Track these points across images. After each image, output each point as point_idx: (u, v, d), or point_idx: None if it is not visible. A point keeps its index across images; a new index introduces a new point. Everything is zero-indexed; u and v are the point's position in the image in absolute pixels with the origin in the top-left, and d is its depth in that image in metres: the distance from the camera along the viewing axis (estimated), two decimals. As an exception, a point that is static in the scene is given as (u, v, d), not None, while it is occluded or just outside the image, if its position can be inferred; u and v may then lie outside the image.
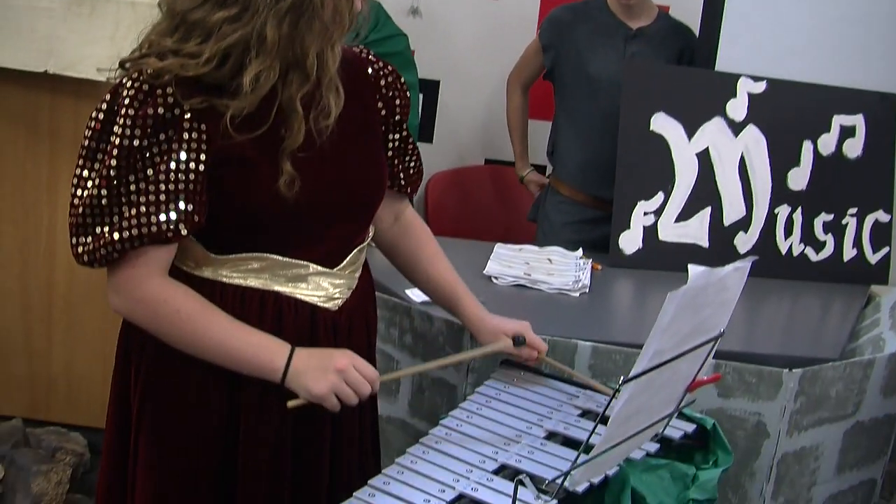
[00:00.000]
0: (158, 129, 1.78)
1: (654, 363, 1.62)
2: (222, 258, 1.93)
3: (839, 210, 3.55)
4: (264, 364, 1.89)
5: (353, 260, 2.07)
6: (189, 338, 1.89)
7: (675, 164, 3.40)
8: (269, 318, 1.96)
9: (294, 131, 1.84)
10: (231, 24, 1.76)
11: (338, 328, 2.05)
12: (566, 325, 2.73)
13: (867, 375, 2.67)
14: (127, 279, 1.86)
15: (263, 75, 1.78)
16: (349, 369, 1.89)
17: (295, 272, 1.97)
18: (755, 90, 3.48)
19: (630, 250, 3.37)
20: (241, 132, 1.81)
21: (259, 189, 1.85)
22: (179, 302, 1.88)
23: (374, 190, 2.09)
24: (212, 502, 2.02)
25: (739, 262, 1.73)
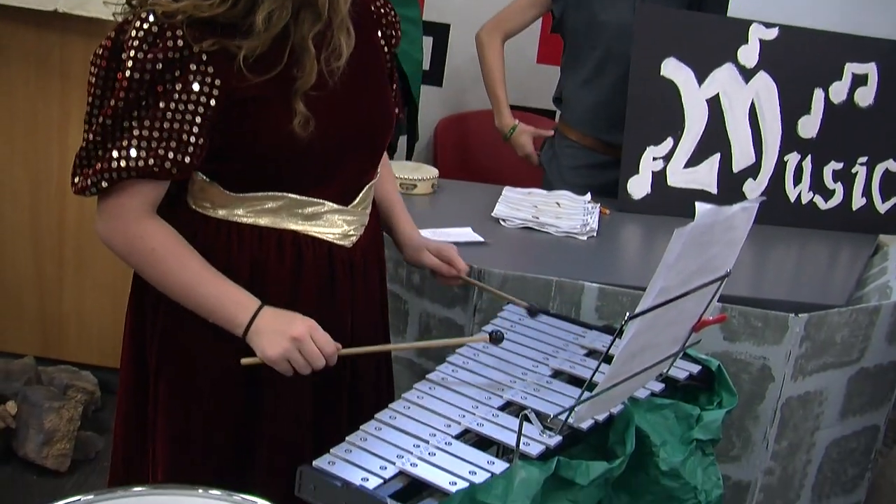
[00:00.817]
0: (165, 71, 1.78)
1: (659, 300, 1.62)
2: (239, 196, 1.93)
3: (849, 159, 3.54)
4: (228, 317, 1.89)
5: (364, 197, 2.08)
6: (160, 277, 1.90)
7: (685, 109, 3.39)
8: (289, 257, 1.98)
9: (306, 71, 1.84)
10: None
11: (354, 265, 2.07)
12: (573, 267, 2.74)
13: (873, 322, 2.67)
14: (112, 207, 1.87)
15: (276, 14, 1.78)
16: (305, 339, 1.86)
17: (311, 210, 1.98)
18: (767, 37, 3.46)
19: (639, 195, 3.38)
20: (254, 73, 1.80)
21: (273, 129, 1.85)
22: (157, 241, 1.88)
23: (385, 126, 2.10)
24: (234, 443, 2.04)
25: (747, 202, 1.73)
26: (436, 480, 1.64)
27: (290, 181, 1.94)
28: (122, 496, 1.71)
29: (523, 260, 2.76)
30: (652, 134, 3.39)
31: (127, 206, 1.86)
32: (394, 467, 1.67)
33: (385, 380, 2.26)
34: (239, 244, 1.95)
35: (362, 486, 1.62)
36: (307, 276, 1.99)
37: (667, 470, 1.98)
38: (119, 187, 1.84)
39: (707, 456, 2.08)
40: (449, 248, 2.34)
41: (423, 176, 3.24)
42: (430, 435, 1.76)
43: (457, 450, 1.73)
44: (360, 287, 2.10)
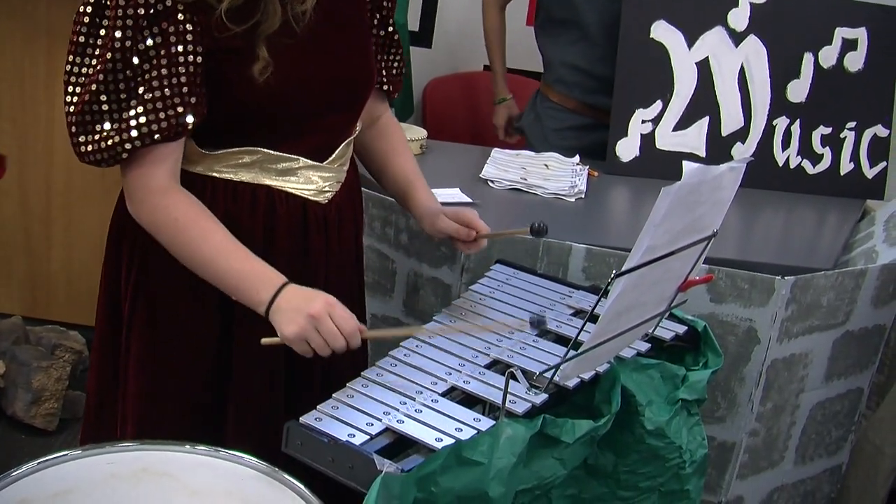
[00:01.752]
0: (151, 22, 1.76)
1: (646, 259, 1.63)
2: (214, 153, 1.93)
3: (838, 123, 3.54)
4: (251, 293, 1.84)
5: (341, 153, 2.07)
6: (182, 249, 1.87)
7: (675, 72, 3.39)
8: (261, 211, 1.97)
9: (269, 15, 1.81)
10: None
11: (328, 221, 2.06)
12: (561, 228, 2.73)
13: (859, 285, 2.68)
14: (135, 181, 1.85)
15: None
16: (323, 317, 1.79)
17: (285, 166, 1.97)
18: (757, 0, 3.46)
19: (627, 157, 3.38)
20: (234, 22, 1.79)
21: (246, 78, 1.84)
22: (180, 210, 1.85)
23: (362, 81, 2.08)
24: (204, 399, 2.05)
25: (734, 162, 1.73)
26: (422, 437, 1.65)
27: (262, 135, 1.93)
28: (111, 451, 1.72)
29: (511, 221, 2.77)
30: (641, 97, 3.39)
31: (148, 176, 1.84)
32: (380, 424, 1.68)
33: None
34: (213, 197, 1.94)
35: (348, 441, 1.62)
36: (280, 231, 1.98)
37: (652, 429, 2.00)
38: (138, 157, 1.82)
39: (692, 416, 2.09)
40: (467, 211, 2.19)
41: (411, 137, 3.23)
42: (416, 392, 1.77)
43: (443, 407, 1.74)
44: (334, 243, 2.09)
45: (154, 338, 2.02)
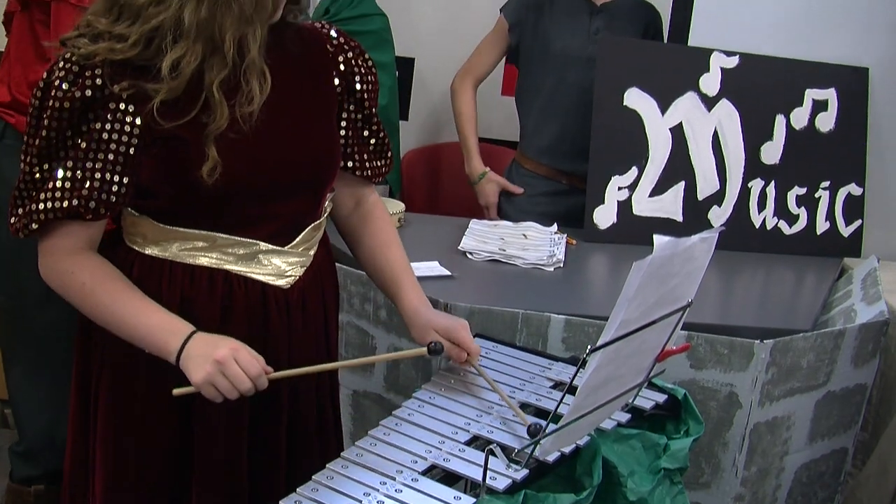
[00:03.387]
0: (86, 109, 1.80)
1: (620, 333, 1.63)
2: (171, 230, 1.93)
3: (812, 183, 3.58)
4: (160, 344, 1.86)
5: (306, 238, 2.06)
6: (92, 310, 1.90)
7: (649, 138, 3.43)
8: (219, 295, 1.97)
9: (216, 117, 1.82)
10: (155, 7, 1.77)
11: (290, 305, 2.05)
12: (540, 299, 2.75)
13: (838, 346, 2.69)
14: (45, 247, 1.89)
15: (184, 60, 1.78)
16: (228, 361, 1.81)
17: (244, 251, 1.97)
18: (728, 65, 3.51)
19: (605, 225, 3.40)
20: (167, 119, 1.81)
21: (190, 170, 1.84)
22: (86, 274, 1.88)
23: (323, 168, 2.07)
24: (168, 474, 2.03)
25: (706, 233, 1.74)
26: (403, 518, 1.64)
27: (218, 222, 1.94)
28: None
29: (490, 293, 2.77)
30: (616, 163, 3.42)
31: (58, 246, 1.88)
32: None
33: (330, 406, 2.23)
34: (170, 281, 1.94)
35: (329, 525, 1.62)
36: (238, 315, 1.98)
37: (635, 500, 1.98)
38: (49, 228, 1.86)
39: (675, 485, 2.08)
40: (458, 327, 2.10)
41: (389, 210, 3.23)
42: (396, 472, 1.76)
43: (424, 486, 1.73)
44: (297, 327, 2.07)
45: (117, 415, 2.01)
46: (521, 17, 3.67)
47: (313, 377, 2.11)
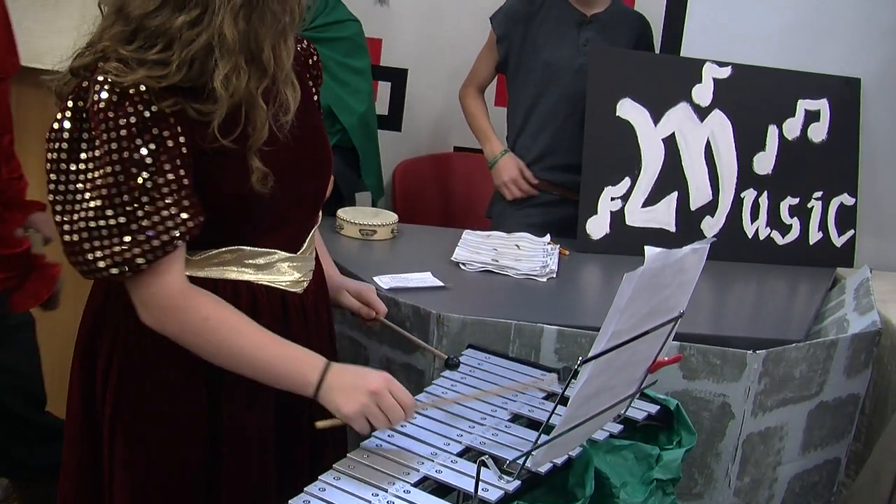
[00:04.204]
0: (144, 128, 1.77)
1: (612, 344, 1.64)
2: (194, 258, 1.93)
3: (805, 194, 3.59)
4: (297, 379, 1.85)
5: (310, 242, 2.10)
6: (216, 347, 1.86)
7: (642, 149, 3.43)
8: (245, 307, 1.96)
9: (258, 127, 1.83)
10: (193, 29, 1.76)
11: (306, 311, 2.08)
12: (533, 310, 2.75)
13: (830, 356, 2.70)
14: (154, 291, 1.84)
15: (234, 75, 1.78)
16: (384, 393, 1.83)
17: (263, 261, 1.99)
18: (720, 75, 3.51)
19: (597, 235, 3.40)
20: (224, 135, 1.81)
21: (233, 184, 1.85)
22: (208, 309, 1.86)
23: (327, 171, 2.12)
24: (196, 496, 2.02)
25: (697, 244, 1.74)
26: (395, 529, 1.64)
27: (244, 232, 1.95)
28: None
29: (483, 304, 2.77)
30: (609, 174, 3.42)
31: (169, 282, 1.84)
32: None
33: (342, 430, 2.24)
34: None
35: (321, 537, 1.62)
36: (264, 323, 1.96)
37: (627, 511, 1.99)
38: (155, 265, 1.81)
39: (668, 496, 2.09)
40: (369, 289, 2.33)
41: (382, 221, 3.25)
42: (388, 483, 1.76)
43: (416, 497, 1.73)
44: (313, 330, 2.10)
45: (141, 440, 1.98)
46: (509, 29, 3.67)
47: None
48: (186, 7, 1.76)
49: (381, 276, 2.80)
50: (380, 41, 4.32)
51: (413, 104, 4.44)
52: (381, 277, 2.79)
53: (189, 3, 1.76)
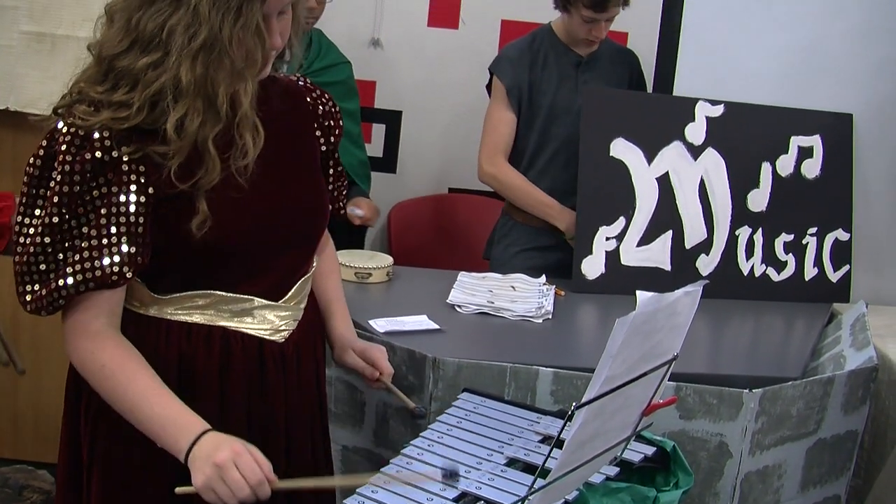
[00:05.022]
0: (97, 173, 1.80)
1: (605, 389, 1.63)
2: (167, 298, 1.94)
3: (799, 230, 3.60)
4: (170, 443, 1.83)
5: (298, 291, 2.08)
6: (109, 394, 1.88)
7: (636, 188, 3.44)
8: (217, 352, 1.97)
9: (209, 171, 1.84)
10: (154, 71, 1.78)
11: (286, 360, 2.07)
12: (529, 351, 2.75)
13: (827, 393, 2.69)
14: (69, 325, 1.87)
15: (188, 118, 1.79)
16: (228, 466, 1.76)
17: (240, 307, 1.99)
18: (713, 114, 3.53)
19: (593, 275, 3.40)
20: (181, 180, 1.82)
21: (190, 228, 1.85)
22: (106, 355, 1.87)
23: (316, 220, 2.11)
24: None
25: (690, 287, 1.74)
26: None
27: (217, 278, 1.95)
28: None
29: (479, 346, 2.77)
30: (604, 214, 3.43)
31: (84, 321, 1.86)
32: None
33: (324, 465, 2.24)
34: (167, 339, 1.95)
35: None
36: (236, 371, 1.98)
37: (625, 555, 1.98)
38: (74, 303, 1.84)
39: (666, 538, 2.08)
40: (375, 349, 2.28)
41: (378, 264, 3.25)
42: (384, 531, 1.76)
43: (412, 545, 1.72)
44: (293, 381, 2.09)
45: (114, 474, 1.99)
46: (517, 78, 3.65)
47: (307, 434, 2.11)
48: (149, 49, 1.78)
49: (377, 319, 2.80)
50: (374, 83, 4.35)
51: (407, 146, 4.46)
52: (377, 321, 2.79)
53: (152, 46, 1.78)
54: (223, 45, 1.78)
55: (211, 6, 1.76)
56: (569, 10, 3.58)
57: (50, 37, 3.44)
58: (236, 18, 1.78)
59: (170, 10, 1.77)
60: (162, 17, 1.78)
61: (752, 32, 3.76)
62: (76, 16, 3.41)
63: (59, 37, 3.44)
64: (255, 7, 1.79)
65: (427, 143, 4.43)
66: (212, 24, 1.76)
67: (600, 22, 3.58)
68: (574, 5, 3.55)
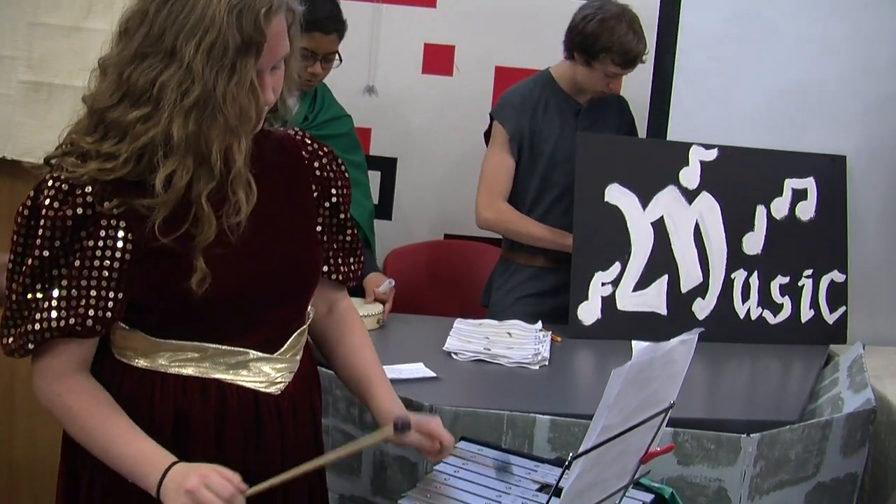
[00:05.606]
0: (79, 227, 1.81)
1: (602, 439, 1.63)
2: (162, 343, 1.94)
3: (795, 272, 3.60)
4: (141, 478, 1.84)
5: (293, 343, 2.07)
6: (79, 435, 1.89)
7: (631, 233, 3.44)
8: (213, 405, 1.96)
9: (204, 229, 1.84)
10: (144, 124, 1.78)
11: (282, 412, 2.05)
12: (526, 398, 2.75)
13: (826, 436, 2.69)
14: (39, 368, 1.89)
15: (176, 175, 1.80)
16: (199, 490, 1.77)
17: (235, 359, 1.98)
18: (707, 158, 3.54)
19: (589, 321, 3.40)
20: (163, 234, 1.83)
21: (183, 283, 1.85)
22: (73, 398, 1.88)
23: (308, 274, 2.10)
24: None
25: (686, 335, 1.74)
26: None
27: (209, 332, 1.95)
28: None
29: (476, 394, 2.77)
30: (599, 259, 3.44)
31: (51, 365, 1.88)
32: None
33: None
34: (162, 393, 1.94)
35: None
36: (231, 424, 1.98)
37: None
38: (44, 348, 1.86)
39: (665, 586, 2.07)
40: (431, 421, 2.14)
41: (366, 312, 3.22)
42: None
43: None
44: (289, 433, 2.08)
45: None
46: (519, 124, 3.65)
47: (303, 484, 2.10)
48: (140, 103, 1.79)
49: (374, 367, 2.79)
50: (369, 130, 4.36)
51: (403, 193, 4.47)
52: (373, 369, 2.77)
53: (142, 99, 1.79)
54: (217, 103, 1.79)
55: (205, 63, 1.77)
56: (592, 64, 3.57)
57: (47, 86, 3.44)
58: (230, 76, 1.79)
59: (161, 65, 1.79)
60: (153, 72, 1.79)
61: (745, 76, 3.79)
62: (73, 66, 3.42)
63: (57, 86, 3.44)
64: (249, 64, 1.80)
65: (422, 189, 4.44)
66: (205, 81, 1.78)
67: (620, 76, 3.62)
68: (601, 61, 3.55)
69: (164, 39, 1.79)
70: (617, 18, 3.53)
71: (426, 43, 4.41)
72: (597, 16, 3.55)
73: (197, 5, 1.78)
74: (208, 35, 1.78)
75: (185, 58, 1.77)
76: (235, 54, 1.79)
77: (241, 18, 1.79)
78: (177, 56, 1.78)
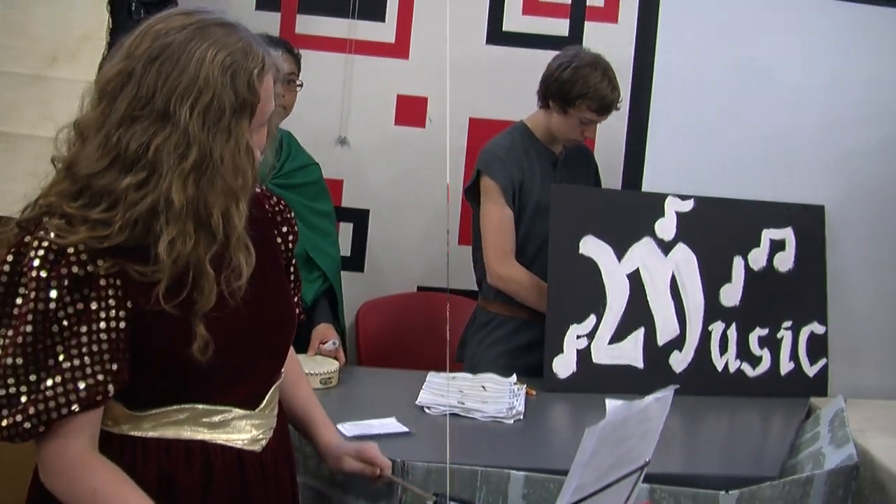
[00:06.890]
0: (74, 289, 1.74)
1: (576, 498, 1.58)
2: (143, 414, 1.88)
3: (774, 324, 3.57)
4: None
5: (271, 398, 2.05)
6: None
7: (606, 286, 3.41)
8: (198, 468, 1.92)
9: (206, 294, 1.81)
10: (139, 191, 1.74)
11: (265, 468, 2.03)
12: (500, 453, 2.70)
13: (807, 493, 2.64)
14: (54, 451, 1.78)
15: (178, 240, 1.76)
16: None
17: (219, 418, 1.94)
18: (683, 208, 3.52)
19: (564, 374, 3.35)
20: (167, 300, 1.78)
21: (179, 346, 1.81)
22: (97, 481, 1.79)
23: (289, 327, 2.09)
24: None
25: (661, 392, 1.71)
26: None
27: (197, 392, 1.90)
28: None
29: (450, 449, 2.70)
30: (574, 312, 3.39)
31: (67, 446, 1.78)
32: None
33: None
34: (144, 458, 1.88)
35: None
36: (218, 484, 1.94)
37: None
38: (56, 427, 1.75)
39: None
40: (368, 447, 2.29)
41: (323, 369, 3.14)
42: None
43: None
44: (272, 489, 2.05)
45: None
46: (510, 177, 3.61)
47: None
48: (133, 169, 1.74)
49: (344, 423, 2.74)
50: (341, 182, 4.34)
51: (375, 245, 4.44)
52: (344, 425, 2.72)
53: (136, 166, 1.74)
54: (215, 165, 1.76)
55: (201, 125, 1.75)
56: (567, 111, 3.58)
57: (11, 136, 3.40)
58: (227, 137, 1.77)
59: (154, 128, 1.75)
60: (146, 135, 1.75)
61: (720, 125, 3.77)
62: (37, 115, 3.38)
63: (20, 136, 3.40)
64: (244, 125, 1.79)
65: (395, 241, 4.41)
66: (202, 143, 1.75)
67: (595, 124, 3.63)
68: (577, 107, 3.56)
69: (155, 101, 1.75)
70: (591, 66, 3.57)
71: (399, 94, 4.39)
72: (572, 63, 3.58)
73: (188, 66, 1.75)
74: (203, 96, 1.75)
75: (181, 120, 1.74)
76: (231, 115, 1.78)
77: (235, 79, 1.78)
78: (171, 119, 1.75)
